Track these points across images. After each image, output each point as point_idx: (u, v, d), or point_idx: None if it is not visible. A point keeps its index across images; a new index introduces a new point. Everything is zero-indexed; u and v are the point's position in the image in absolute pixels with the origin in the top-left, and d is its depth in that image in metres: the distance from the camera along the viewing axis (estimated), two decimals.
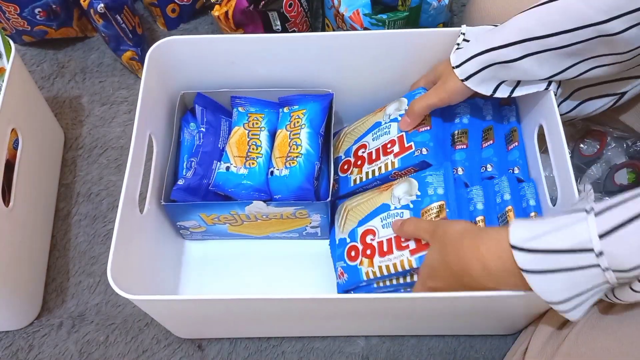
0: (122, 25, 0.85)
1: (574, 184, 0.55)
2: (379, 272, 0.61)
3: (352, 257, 0.64)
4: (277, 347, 0.70)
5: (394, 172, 0.66)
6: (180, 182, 0.67)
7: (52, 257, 0.77)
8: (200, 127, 0.71)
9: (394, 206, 0.63)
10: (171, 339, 0.71)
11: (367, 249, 0.63)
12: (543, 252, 0.43)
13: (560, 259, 0.43)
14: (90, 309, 0.74)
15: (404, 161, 0.65)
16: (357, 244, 0.64)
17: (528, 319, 0.65)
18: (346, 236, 0.67)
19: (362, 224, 0.65)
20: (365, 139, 0.71)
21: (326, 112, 0.70)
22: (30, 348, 0.71)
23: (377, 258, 0.61)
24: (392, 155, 0.66)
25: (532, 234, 0.45)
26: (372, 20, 0.80)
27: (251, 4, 0.82)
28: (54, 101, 0.90)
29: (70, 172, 0.84)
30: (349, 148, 0.73)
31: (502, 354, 0.69)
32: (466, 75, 0.59)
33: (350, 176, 0.70)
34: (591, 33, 0.51)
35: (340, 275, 0.66)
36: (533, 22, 0.54)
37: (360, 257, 0.63)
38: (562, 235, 0.43)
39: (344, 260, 0.65)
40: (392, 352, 0.70)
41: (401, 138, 0.66)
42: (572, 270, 0.43)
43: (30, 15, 0.87)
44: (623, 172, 0.75)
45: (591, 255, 0.42)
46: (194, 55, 0.69)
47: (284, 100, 0.71)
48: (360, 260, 0.63)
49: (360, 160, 0.70)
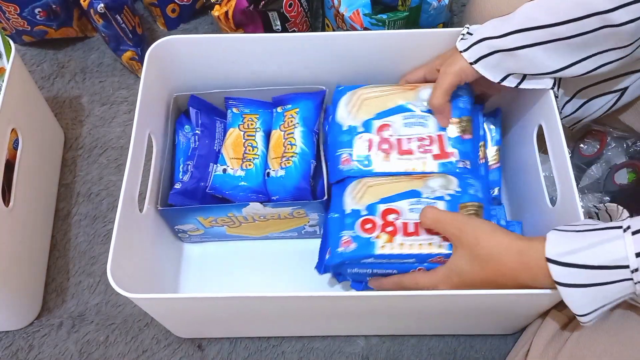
0: (122, 25, 0.85)
1: (574, 184, 0.55)
2: (399, 250, 0.59)
3: (366, 229, 0.61)
4: (277, 347, 0.70)
5: (429, 174, 0.64)
6: (177, 186, 0.66)
7: (52, 257, 0.77)
8: (195, 129, 0.70)
9: (427, 195, 0.62)
10: (171, 339, 0.71)
11: (389, 225, 0.61)
12: (579, 267, 0.45)
13: (596, 274, 0.45)
14: (90, 309, 0.74)
15: (444, 167, 0.63)
16: (376, 218, 0.62)
17: (528, 318, 0.65)
18: (362, 208, 0.63)
19: (386, 202, 0.63)
20: (390, 119, 0.66)
21: (319, 109, 0.70)
22: (30, 348, 0.71)
23: (399, 236, 0.60)
24: (431, 156, 0.64)
25: (569, 249, 0.46)
26: (372, 20, 0.80)
27: (251, 4, 0.82)
28: (54, 101, 0.90)
29: (70, 172, 0.84)
30: (368, 120, 0.66)
31: (502, 354, 0.69)
32: (474, 58, 0.59)
33: (371, 159, 0.65)
34: (597, 22, 0.52)
35: (345, 244, 0.61)
36: (539, 10, 0.55)
37: (377, 231, 0.61)
38: (599, 252, 0.45)
39: (354, 230, 0.62)
40: (392, 352, 0.70)
41: (441, 138, 0.64)
42: (605, 285, 0.45)
43: (30, 15, 0.87)
44: (623, 172, 0.75)
45: (626, 271, 0.44)
46: (194, 55, 0.69)
47: (278, 100, 0.71)
48: (378, 234, 0.61)
49: (386, 143, 0.65)
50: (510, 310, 0.61)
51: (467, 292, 0.52)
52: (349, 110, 0.67)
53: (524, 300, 0.56)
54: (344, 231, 0.62)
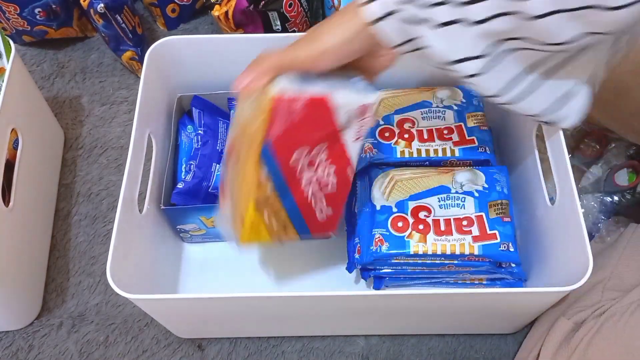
0: (122, 25, 0.85)
1: (574, 185, 0.55)
2: (432, 250, 0.60)
3: (398, 228, 0.62)
4: (277, 347, 0.70)
5: (452, 159, 0.66)
6: (180, 185, 0.67)
7: (52, 257, 0.77)
8: (198, 129, 0.70)
9: (455, 190, 0.63)
10: (171, 339, 0.71)
11: (420, 224, 0.62)
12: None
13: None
14: (90, 309, 0.74)
15: (466, 153, 0.66)
16: (407, 216, 0.63)
17: (529, 317, 0.65)
18: (392, 205, 0.64)
19: (415, 199, 0.64)
20: (411, 114, 0.70)
21: None
22: (30, 348, 0.71)
23: (431, 235, 0.61)
24: (451, 143, 0.67)
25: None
26: None
27: (251, 4, 0.82)
28: (54, 101, 0.90)
29: (70, 172, 0.84)
30: (388, 115, 0.70)
31: (502, 354, 0.69)
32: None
33: (395, 146, 0.68)
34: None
35: (378, 243, 0.62)
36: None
37: (410, 230, 0.62)
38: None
39: (387, 229, 0.63)
40: (392, 352, 0.70)
41: (460, 128, 0.67)
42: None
43: (30, 15, 0.87)
44: (623, 172, 0.75)
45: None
46: (194, 55, 0.69)
47: None
48: (410, 233, 0.62)
49: (407, 134, 0.68)
50: (511, 309, 0.61)
51: (468, 290, 0.52)
52: None
53: (524, 299, 0.56)
54: (377, 229, 0.63)
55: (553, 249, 0.61)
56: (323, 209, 0.59)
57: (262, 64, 0.50)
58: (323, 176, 0.56)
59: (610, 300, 0.59)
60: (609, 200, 0.73)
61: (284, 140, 0.50)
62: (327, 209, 0.60)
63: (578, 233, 0.54)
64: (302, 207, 0.57)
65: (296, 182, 0.55)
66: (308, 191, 0.56)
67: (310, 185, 0.56)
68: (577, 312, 0.60)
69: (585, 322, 0.58)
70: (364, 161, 0.67)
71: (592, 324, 0.57)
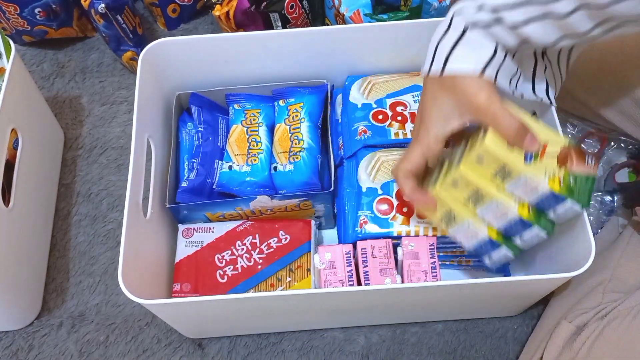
0: (123, 25, 0.85)
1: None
2: (414, 232, 0.62)
3: (383, 211, 0.64)
4: (277, 344, 0.70)
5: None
6: (184, 184, 0.67)
7: (52, 257, 0.77)
8: (198, 127, 0.71)
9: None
10: (171, 338, 0.71)
11: (404, 206, 0.63)
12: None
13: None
14: (90, 309, 0.74)
15: None
16: (392, 198, 0.64)
17: (532, 301, 0.66)
18: (378, 187, 0.65)
19: None
20: (403, 97, 0.70)
21: (323, 104, 0.71)
22: (30, 348, 0.71)
23: (415, 218, 0.62)
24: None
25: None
26: (372, 21, 0.81)
27: (252, 5, 0.82)
28: (54, 101, 0.90)
29: (70, 172, 0.84)
30: (381, 99, 0.71)
31: (502, 354, 0.69)
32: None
33: (389, 128, 0.68)
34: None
35: (363, 224, 0.63)
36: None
37: (394, 212, 0.63)
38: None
39: (372, 211, 0.64)
40: (392, 351, 0.70)
41: None
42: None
43: (30, 15, 0.87)
44: (624, 171, 0.75)
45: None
46: (187, 56, 0.69)
47: (278, 92, 0.71)
48: (394, 215, 0.63)
49: (400, 116, 0.69)
50: (512, 293, 0.62)
51: (473, 281, 0.53)
52: (362, 93, 0.71)
53: (529, 286, 0.57)
54: (362, 210, 0.64)
55: (556, 238, 0.61)
56: None
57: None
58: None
59: (612, 302, 0.59)
60: (609, 199, 0.73)
61: None
62: None
63: (580, 222, 0.56)
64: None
65: None
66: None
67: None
68: (579, 315, 0.60)
69: (587, 325, 0.58)
70: (358, 144, 0.67)
71: (594, 327, 0.57)
